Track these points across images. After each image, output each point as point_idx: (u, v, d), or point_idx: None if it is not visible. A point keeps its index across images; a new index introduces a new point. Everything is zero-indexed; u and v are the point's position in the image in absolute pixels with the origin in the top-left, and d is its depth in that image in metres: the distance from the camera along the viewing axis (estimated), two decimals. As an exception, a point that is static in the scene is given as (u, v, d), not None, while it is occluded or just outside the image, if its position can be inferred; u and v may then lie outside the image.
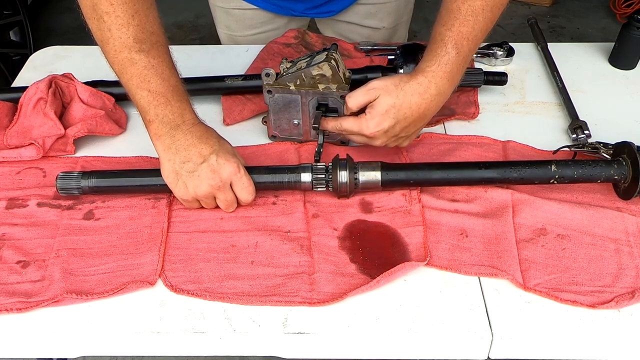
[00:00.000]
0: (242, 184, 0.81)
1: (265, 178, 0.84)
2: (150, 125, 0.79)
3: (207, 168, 0.78)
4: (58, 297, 0.73)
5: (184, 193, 0.80)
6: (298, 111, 0.91)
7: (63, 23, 3.06)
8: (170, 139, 0.79)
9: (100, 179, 0.85)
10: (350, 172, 0.82)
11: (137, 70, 0.77)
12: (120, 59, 0.77)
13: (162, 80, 0.78)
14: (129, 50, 0.76)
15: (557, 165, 0.82)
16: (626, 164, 0.82)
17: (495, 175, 0.83)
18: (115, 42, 0.76)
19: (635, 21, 1.07)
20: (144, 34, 0.77)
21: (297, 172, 0.83)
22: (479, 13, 0.80)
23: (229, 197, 0.81)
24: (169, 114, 0.78)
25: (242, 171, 0.80)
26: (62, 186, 0.84)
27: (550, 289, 0.74)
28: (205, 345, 0.73)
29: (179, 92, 0.80)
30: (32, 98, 0.96)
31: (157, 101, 0.78)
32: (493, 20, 0.82)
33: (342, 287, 0.75)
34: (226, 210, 0.83)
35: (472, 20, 0.80)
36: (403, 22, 1.32)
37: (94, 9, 0.76)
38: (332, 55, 0.89)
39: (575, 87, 1.06)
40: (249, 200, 0.83)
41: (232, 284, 0.75)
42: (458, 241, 0.80)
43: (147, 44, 0.77)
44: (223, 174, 0.79)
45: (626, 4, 2.97)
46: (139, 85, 0.78)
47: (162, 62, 0.78)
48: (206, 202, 0.82)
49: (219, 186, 0.79)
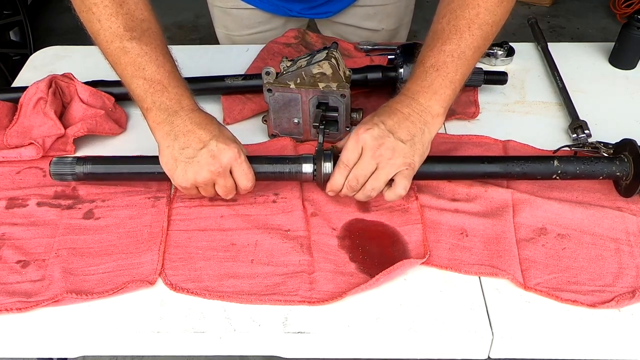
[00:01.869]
0: (242, 170, 0.79)
1: (265, 168, 0.82)
2: (148, 113, 0.78)
3: (207, 154, 0.76)
4: (58, 296, 0.73)
5: (182, 179, 0.78)
6: (298, 110, 0.91)
7: (63, 23, 3.06)
8: (169, 126, 0.77)
9: (95, 165, 0.83)
10: (335, 162, 0.80)
11: (130, 59, 0.77)
12: (113, 49, 0.77)
13: (157, 67, 0.77)
14: (120, 39, 0.76)
15: (560, 161, 0.82)
16: (628, 161, 0.82)
17: (498, 169, 0.82)
18: (106, 33, 0.76)
19: (635, 21, 1.07)
20: (134, 22, 0.76)
21: (299, 163, 0.82)
22: (464, 31, 0.78)
23: (228, 183, 0.79)
24: (166, 100, 0.77)
25: (243, 157, 0.79)
26: (55, 172, 0.83)
27: (551, 288, 0.74)
28: (205, 345, 0.73)
29: (175, 78, 0.79)
30: (32, 98, 0.96)
31: (154, 88, 0.77)
32: (484, 37, 0.79)
33: (342, 286, 0.75)
34: (225, 197, 0.81)
35: (455, 38, 0.78)
36: (404, 24, 1.32)
37: (82, 1, 0.76)
38: (332, 54, 0.89)
39: (575, 87, 1.06)
40: (248, 188, 0.81)
41: (232, 283, 0.75)
42: (458, 240, 0.80)
43: (137, 32, 0.77)
44: (223, 159, 0.77)
45: (626, 4, 2.97)
46: (134, 74, 0.77)
47: (155, 49, 0.78)
48: (205, 190, 0.80)
49: (218, 172, 0.77)
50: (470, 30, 0.78)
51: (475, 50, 0.79)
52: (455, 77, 0.79)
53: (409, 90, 0.80)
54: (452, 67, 0.78)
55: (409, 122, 0.78)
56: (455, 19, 0.78)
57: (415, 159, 0.78)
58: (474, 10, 0.78)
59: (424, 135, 0.78)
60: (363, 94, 1.05)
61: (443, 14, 0.80)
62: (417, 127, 0.78)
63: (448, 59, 0.78)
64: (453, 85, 0.79)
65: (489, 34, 0.80)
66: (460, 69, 0.79)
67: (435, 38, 0.79)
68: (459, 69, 0.79)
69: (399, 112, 0.79)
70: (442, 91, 0.79)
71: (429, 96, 0.79)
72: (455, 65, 0.78)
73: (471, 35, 0.78)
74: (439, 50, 0.78)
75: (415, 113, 0.78)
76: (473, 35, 0.78)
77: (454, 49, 0.78)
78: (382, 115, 0.79)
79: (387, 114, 0.79)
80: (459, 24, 0.78)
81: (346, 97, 0.89)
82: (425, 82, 0.79)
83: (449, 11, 0.79)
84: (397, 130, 0.77)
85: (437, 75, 0.78)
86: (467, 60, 0.79)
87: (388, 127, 0.77)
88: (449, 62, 0.78)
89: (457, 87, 0.80)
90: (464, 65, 0.79)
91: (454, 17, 0.78)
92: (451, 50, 0.78)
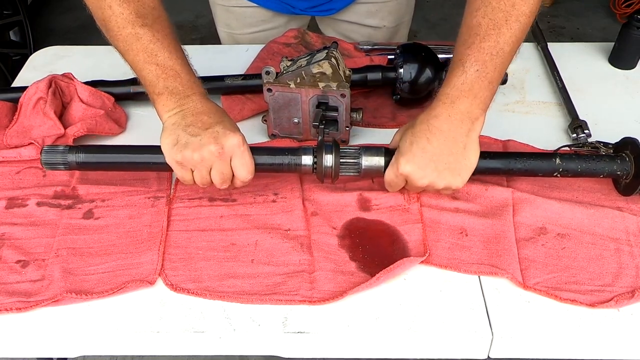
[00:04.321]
0: (243, 160, 0.77)
1: (264, 159, 0.81)
2: (158, 97, 0.78)
3: (211, 135, 0.75)
4: (58, 296, 0.73)
5: (179, 155, 0.75)
6: (298, 109, 0.91)
7: (63, 23, 3.06)
8: (179, 107, 0.77)
9: (89, 154, 0.82)
10: (335, 155, 0.80)
11: (142, 45, 0.76)
12: (125, 35, 0.76)
13: (170, 53, 0.77)
14: (132, 25, 0.76)
15: (562, 159, 0.82)
16: (629, 159, 0.82)
17: (499, 165, 0.82)
18: (118, 19, 0.76)
19: (635, 21, 1.07)
20: (145, 9, 0.76)
21: (298, 155, 0.81)
22: (502, 25, 0.73)
23: (225, 169, 0.77)
24: (179, 85, 0.77)
25: (246, 147, 0.78)
26: (46, 160, 0.81)
27: (550, 287, 0.74)
28: (205, 345, 0.73)
29: (187, 65, 0.79)
30: (32, 98, 0.96)
31: (166, 74, 0.77)
32: (522, 29, 0.75)
33: (343, 286, 0.75)
34: (219, 186, 0.79)
35: (494, 33, 0.73)
36: (404, 22, 1.32)
37: None
38: (332, 54, 0.89)
39: (575, 87, 1.06)
40: (246, 180, 0.79)
41: (232, 283, 0.75)
42: (458, 240, 0.80)
43: (149, 19, 0.77)
44: (226, 143, 0.75)
45: (626, 4, 2.97)
46: (146, 60, 0.77)
47: (166, 36, 0.78)
48: (200, 173, 0.77)
49: (219, 153, 0.75)
50: (508, 23, 0.73)
51: (513, 45, 0.75)
52: (494, 77, 0.75)
53: (447, 97, 0.76)
54: (492, 66, 0.74)
55: (451, 142, 0.75)
56: (491, 11, 0.73)
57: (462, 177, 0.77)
58: (510, 1, 0.73)
59: (467, 149, 0.76)
60: (363, 93, 1.05)
61: (477, 7, 0.75)
62: (459, 144, 0.75)
63: (487, 58, 0.74)
64: (492, 85, 0.76)
65: (526, 26, 0.75)
66: (499, 67, 0.75)
67: (473, 34, 0.74)
68: (498, 67, 0.75)
69: (438, 131, 0.75)
70: (482, 94, 0.75)
71: (470, 101, 0.75)
72: (494, 64, 0.74)
73: (509, 30, 0.73)
74: (478, 48, 0.74)
75: (456, 127, 0.75)
76: (511, 29, 0.73)
77: (492, 46, 0.74)
78: (420, 138, 0.76)
79: (425, 137, 0.75)
80: (496, 17, 0.73)
81: (346, 96, 0.89)
82: (465, 86, 0.75)
83: (483, 3, 0.74)
84: (439, 156, 0.75)
85: (477, 77, 0.74)
86: (506, 56, 0.75)
87: (429, 155, 0.75)
88: (488, 60, 0.74)
89: (495, 87, 0.76)
90: (503, 62, 0.75)
91: (490, 9, 0.73)
92: (490, 48, 0.74)
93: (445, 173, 0.76)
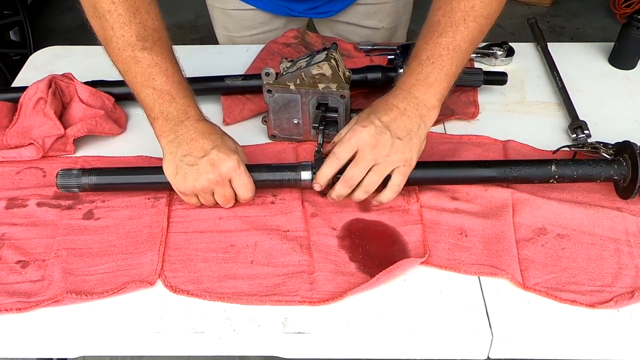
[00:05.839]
0: (241, 181, 0.80)
1: (265, 176, 0.83)
2: (155, 122, 0.80)
3: (207, 162, 0.78)
4: (58, 297, 0.73)
5: (182, 186, 0.80)
6: (298, 111, 0.91)
7: (63, 23, 3.06)
8: (174, 134, 0.79)
9: (101, 176, 0.85)
10: None
11: (141, 69, 0.78)
12: (124, 57, 0.77)
13: (166, 77, 0.79)
14: (132, 48, 0.77)
15: (557, 165, 0.82)
16: (626, 164, 0.82)
17: (494, 174, 0.83)
18: (119, 41, 0.77)
19: (635, 21, 1.06)
20: (147, 32, 0.77)
21: (297, 171, 0.83)
22: (459, 24, 0.77)
23: (227, 192, 0.81)
24: (173, 110, 0.79)
25: (242, 168, 0.80)
26: (62, 184, 0.84)
27: (550, 288, 0.74)
28: (205, 345, 0.73)
29: (183, 89, 0.80)
30: (32, 98, 0.96)
31: (162, 99, 0.78)
32: (480, 29, 0.79)
33: (342, 286, 0.75)
34: (224, 205, 0.83)
35: (451, 30, 0.78)
36: (402, 23, 1.32)
37: (95, 8, 0.76)
38: (332, 55, 0.89)
39: (575, 87, 1.06)
40: (248, 198, 0.82)
41: (232, 284, 0.75)
42: (458, 240, 0.80)
43: (150, 42, 0.78)
44: (222, 169, 0.78)
45: (626, 4, 2.97)
46: (144, 84, 0.78)
47: (165, 60, 0.79)
48: (204, 198, 0.81)
49: (217, 180, 0.79)
50: (466, 22, 0.78)
51: (470, 43, 0.79)
52: (451, 70, 0.79)
53: (404, 84, 0.80)
54: (448, 60, 0.78)
55: (405, 118, 0.78)
56: (450, 11, 0.78)
57: (412, 155, 0.78)
58: (470, 2, 0.78)
59: (420, 130, 0.79)
60: (363, 94, 1.05)
61: (438, 7, 0.80)
62: (413, 122, 0.78)
63: (444, 52, 0.78)
64: (448, 78, 0.79)
65: (484, 27, 0.80)
66: (456, 62, 0.79)
67: (431, 30, 0.79)
68: (454, 62, 0.79)
69: (395, 107, 0.79)
70: (438, 84, 0.79)
71: (425, 89, 0.79)
72: (450, 58, 0.78)
73: (466, 28, 0.78)
74: (435, 43, 0.78)
75: (411, 107, 0.79)
76: (468, 28, 0.78)
77: (449, 42, 0.78)
78: (378, 111, 0.79)
79: (383, 110, 0.79)
80: (454, 16, 0.78)
81: (346, 97, 0.89)
82: (421, 75, 0.79)
83: (444, 3, 0.79)
84: (394, 126, 0.78)
85: (433, 69, 0.78)
86: (462, 53, 0.79)
87: (384, 123, 0.78)
88: (445, 55, 0.78)
89: (452, 80, 0.80)
90: (459, 58, 0.79)
91: (450, 9, 0.78)
92: (447, 43, 0.78)
93: (398, 144, 0.77)
